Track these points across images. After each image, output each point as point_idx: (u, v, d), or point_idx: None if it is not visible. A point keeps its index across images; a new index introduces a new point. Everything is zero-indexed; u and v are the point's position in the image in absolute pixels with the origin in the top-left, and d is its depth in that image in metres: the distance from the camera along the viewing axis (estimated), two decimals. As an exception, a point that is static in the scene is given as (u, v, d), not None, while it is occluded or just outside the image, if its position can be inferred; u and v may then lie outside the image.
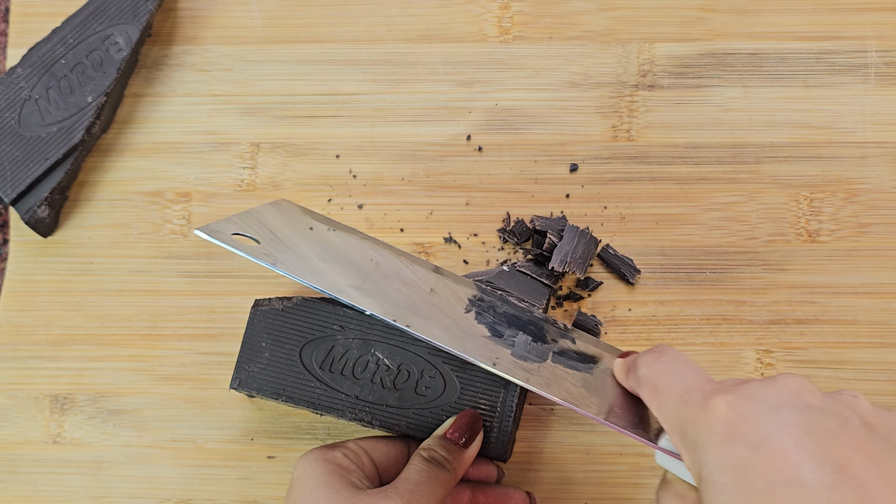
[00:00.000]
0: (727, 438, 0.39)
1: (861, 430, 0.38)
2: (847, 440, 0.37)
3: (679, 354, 0.45)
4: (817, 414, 0.38)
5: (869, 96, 0.62)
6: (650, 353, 0.46)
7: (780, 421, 0.38)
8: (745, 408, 0.39)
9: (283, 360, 0.55)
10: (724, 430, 0.39)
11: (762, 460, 0.37)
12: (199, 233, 0.50)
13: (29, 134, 0.60)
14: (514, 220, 0.59)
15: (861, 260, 0.60)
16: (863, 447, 0.37)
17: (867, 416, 0.39)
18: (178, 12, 0.65)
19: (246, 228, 0.53)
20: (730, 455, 0.38)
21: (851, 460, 0.36)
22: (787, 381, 0.40)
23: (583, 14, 0.64)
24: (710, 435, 0.39)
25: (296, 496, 0.49)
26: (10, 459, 0.59)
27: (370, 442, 0.53)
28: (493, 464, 0.55)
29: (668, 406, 0.43)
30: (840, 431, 0.38)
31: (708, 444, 0.39)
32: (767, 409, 0.39)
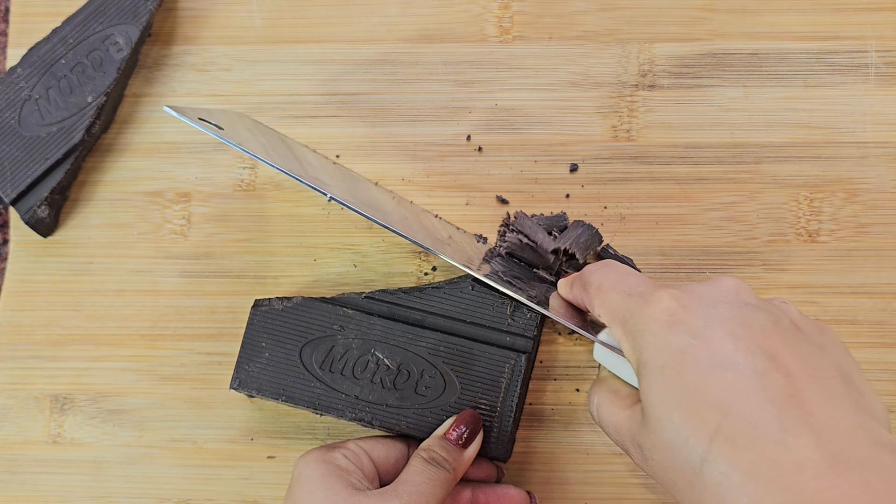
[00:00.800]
0: (668, 325, 0.42)
1: (790, 329, 0.42)
2: (778, 335, 0.41)
3: (623, 265, 0.49)
4: (752, 310, 0.42)
5: (869, 96, 0.62)
6: (595, 263, 0.50)
7: (718, 313, 0.42)
8: (687, 300, 0.43)
9: (283, 360, 0.55)
10: (666, 318, 0.42)
11: (700, 346, 0.40)
12: (168, 109, 0.50)
13: (29, 134, 0.60)
14: (514, 214, 0.59)
15: (861, 260, 0.60)
16: (791, 343, 0.41)
17: (795, 318, 0.43)
18: (178, 12, 0.65)
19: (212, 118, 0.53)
20: (670, 340, 0.41)
21: (781, 352, 0.40)
22: (725, 281, 0.44)
23: (583, 14, 0.64)
24: (651, 322, 0.43)
25: (295, 497, 0.49)
26: (10, 459, 0.59)
27: (370, 442, 0.53)
28: (493, 463, 0.55)
29: (612, 299, 0.46)
30: (772, 327, 0.41)
31: (649, 331, 0.43)
32: (707, 302, 0.42)
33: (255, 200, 0.62)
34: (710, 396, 0.39)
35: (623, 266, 0.49)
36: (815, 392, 0.38)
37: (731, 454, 0.38)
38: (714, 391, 0.39)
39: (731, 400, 0.38)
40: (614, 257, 0.60)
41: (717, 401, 0.39)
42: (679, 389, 0.40)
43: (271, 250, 0.61)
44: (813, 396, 0.38)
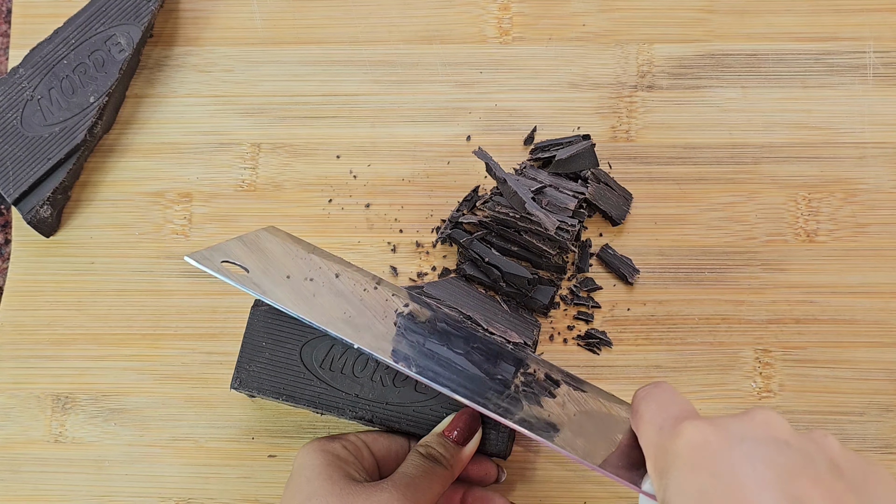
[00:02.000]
0: (691, 464, 0.38)
1: (825, 469, 0.38)
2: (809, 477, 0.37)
3: (668, 387, 0.45)
4: (783, 448, 0.38)
5: (867, 97, 0.62)
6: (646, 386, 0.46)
7: (744, 451, 0.38)
8: (712, 434, 0.39)
9: (284, 359, 0.55)
10: (689, 455, 0.39)
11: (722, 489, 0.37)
12: (190, 260, 0.49)
13: (31, 134, 0.60)
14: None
15: (859, 260, 0.60)
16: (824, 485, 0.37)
17: (835, 456, 0.39)
18: (179, 13, 0.65)
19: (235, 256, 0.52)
20: (692, 481, 0.38)
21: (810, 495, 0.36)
22: (758, 414, 0.40)
23: (582, 15, 0.64)
24: (675, 459, 0.39)
25: (294, 485, 0.49)
26: (12, 459, 0.59)
27: (371, 435, 0.54)
28: (492, 463, 0.56)
29: (648, 434, 0.42)
30: (803, 467, 0.37)
31: (673, 469, 0.39)
32: (733, 438, 0.39)
33: (256, 201, 0.62)
34: None
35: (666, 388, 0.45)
36: None
37: None
38: None
39: None
40: (613, 257, 0.60)
41: None
42: None
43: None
44: None
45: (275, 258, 0.55)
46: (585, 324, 0.59)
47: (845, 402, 0.58)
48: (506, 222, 0.57)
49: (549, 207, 0.57)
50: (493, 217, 0.57)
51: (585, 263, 0.60)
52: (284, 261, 0.55)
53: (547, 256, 0.58)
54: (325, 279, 0.55)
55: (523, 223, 0.57)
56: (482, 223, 0.59)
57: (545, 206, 0.57)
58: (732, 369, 0.59)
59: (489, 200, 0.58)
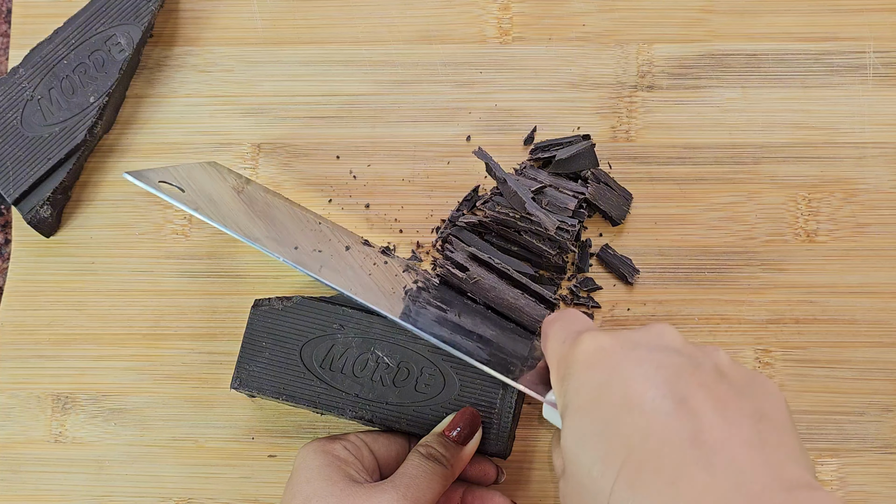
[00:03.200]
0: (586, 366, 0.42)
1: (710, 373, 0.41)
2: (694, 379, 0.40)
3: (573, 310, 0.49)
4: (671, 354, 0.41)
5: (867, 97, 0.62)
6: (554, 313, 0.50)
7: (636, 355, 0.41)
8: (608, 341, 0.43)
9: (284, 359, 0.55)
10: (585, 359, 0.42)
11: (613, 388, 0.40)
12: (128, 176, 0.50)
13: (31, 134, 0.60)
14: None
15: (859, 260, 0.60)
16: (707, 386, 0.40)
17: (722, 364, 0.42)
18: (179, 13, 0.65)
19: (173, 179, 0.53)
20: (587, 381, 0.42)
21: (693, 394, 0.39)
22: (654, 326, 0.44)
23: (582, 15, 0.64)
24: (573, 363, 0.43)
25: (294, 485, 0.50)
26: (12, 459, 0.59)
27: (371, 435, 0.54)
28: (492, 463, 0.56)
29: (552, 348, 0.46)
30: (689, 371, 0.40)
31: (570, 373, 0.42)
32: (627, 345, 0.42)
33: (256, 201, 0.62)
34: (617, 436, 0.39)
35: (574, 313, 0.48)
36: (721, 434, 0.38)
37: (633, 492, 0.37)
38: (622, 430, 0.39)
39: (635, 439, 0.38)
40: (613, 257, 0.60)
41: (623, 441, 0.39)
42: (589, 429, 0.40)
43: (272, 250, 0.61)
44: (718, 438, 0.37)
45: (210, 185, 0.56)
46: (585, 324, 0.59)
47: (845, 402, 0.58)
48: (505, 222, 0.57)
49: (549, 207, 0.57)
50: (492, 217, 0.57)
51: (585, 263, 0.60)
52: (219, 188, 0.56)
53: (547, 256, 0.58)
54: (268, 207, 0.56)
55: (523, 223, 0.57)
56: (482, 223, 0.59)
57: (545, 206, 0.57)
58: (732, 369, 0.59)
59: (489, 201, 0.58)
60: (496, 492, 0.55)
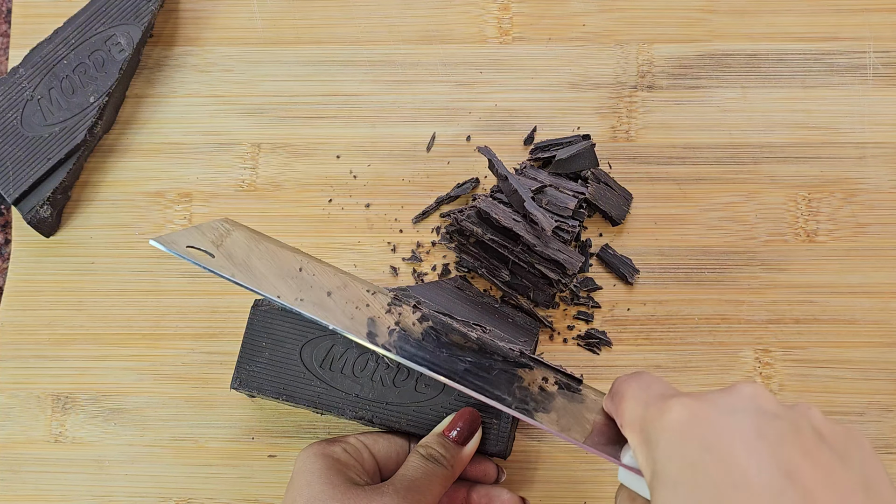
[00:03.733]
0: (680, 436, 0.39)
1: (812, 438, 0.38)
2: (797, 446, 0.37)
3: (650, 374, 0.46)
4: (770, 418, 0.39)
5: (867, 97, 0.62)
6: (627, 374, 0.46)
7: (732, 423, 0.38)
8: (700, 409, 0.39)
9: (284, 359, 0.55)
10: (678, 429, 0.39)
11: (712, 460, 0.37)
12: (155, 243, 0.48)
13: (31, 134, 0.60)
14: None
15: (859, 260, 0.60)
16: (812, 454, 0.37)
17: (819, 425, 0.39)
18: (179, 13, 0.65)
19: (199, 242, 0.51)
20: (682, 453, 0.38)
21: (800, 466, 0.37)
22: (744, 388, 0.41)
23: (582, 15, 0.64)
24: (664, 432, 0.40)
25: (294, 489, 0.49)
26: (13, 458, 0.59)
27: (371, 437, 0.54)
28: (492, 462, 0.56)
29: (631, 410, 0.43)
30: (791, 437, 0.38)
31: (662, 441, 0.39)
32: (721, 411, 0.39)
33: (256, 201, 0.62)
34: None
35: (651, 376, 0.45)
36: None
37: None
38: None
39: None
40: (613, 257, 0.60)
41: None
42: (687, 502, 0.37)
43: (272, 250, 0.61)
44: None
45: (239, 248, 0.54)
46: (585, 324, 0.59)
47: (845, 402, 0.58)
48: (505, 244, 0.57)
49: (549, 207, 0.57)
50: (487, 215, 0.57)
51: (585, 263, 0.60)
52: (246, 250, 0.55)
53: (542, 288, 0.58)
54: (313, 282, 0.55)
55: (524, 252, 0.57)
56: (479, 212, 0.58)
57: (545, 205, 0.57)
58: (732, 369, 0.59)
59: (477, 199, 0.58)
60: (503, 489, 0.55)
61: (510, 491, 0.55)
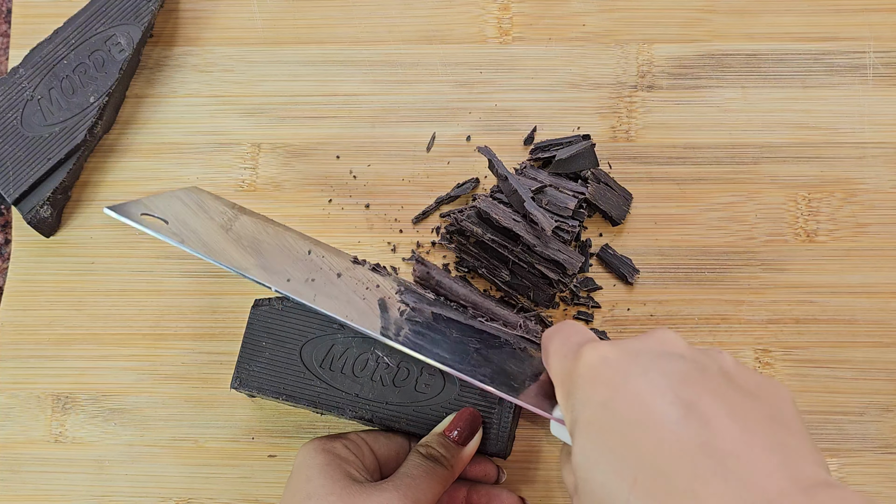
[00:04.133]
0: (591, 380, 0.41)
1: (717, 377, 0.40)
2: (701, 383, 0.39)
3: (572, 322, 0.47)
4: (676, 359, 0.41)
5: (867, 97, 0.62)
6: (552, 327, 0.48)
7: (639, 364, 0.40)
8: (610, 353, 0.42)
9: (284, 359, 0.55)
10: (589, 373, 0.41)
11: (619, 399, 0.39)
12: (108, 211, 0.49)
13: (31, 134, 0.60)
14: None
15: (859, 260, 0.60)
16: (715, 390, 0.39)
17: (728, 367, 0.41)
18: (179, 13, 0.65)
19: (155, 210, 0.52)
20: (593, 395, 0.41)
21: (702, 399, 0.38)
22: (656, 332, 0.43)
23: (582, 15, 0.64)
24: (577, 378, 0.42)
25: (294, 484, 0.50)
26: (12, 458, 0.59)
27: (371, 434, 0.54)
28: (492, 462, 0.56)
29: (554, 364, 0.45)
30: (696, 376, 0.40)
31: (576, 387, 0.42)
32: (629, 354, 0.41)
33: (256, 201, 0.62)
34: (629, 449, 0.38)
35: (573, 324, 0.47)
36: (734, 438, 0.37)
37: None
38: (633, 443, 0.38)
39: (646, 451, 0.37)
40: (613, 257, 0.60)
41: (635, 453, 0.38)
42: (600, 444, 0.39)
43: (272, 250, 0.61)
44: (731, 443, 0.37)
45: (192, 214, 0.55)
46: (585, 324, 0.59)
47: (845, 402, 0.58)
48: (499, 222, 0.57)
49: (549, 207, 0.57)
50: (486, 214, 0.57)
51: (585, 263, 0.60)
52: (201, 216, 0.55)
53: (542, 287, 0.58)
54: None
55: (523, 252, 0.57)
56: (479, 213, 0.58)
57: (545, 205, 0.57)
58: (732, 369, 0.59)
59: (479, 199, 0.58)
60: (503, 489, 0.55)
61: (510, 491, 0.55)
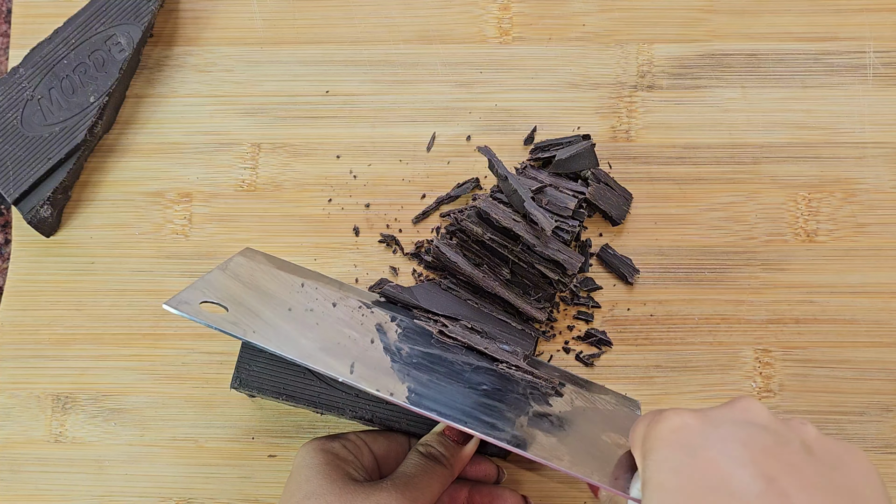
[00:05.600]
0: (668, 443, 0.40)
1: (798, 451, 0.39)
2: (782, 457, 0.38)
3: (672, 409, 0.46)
4: (758, 431, 0.40)
5: (867, 97, 0.62)
6: None
7: (719, 432, 0.40)
8: (691, 418, 0.41)
9: (283, 359, 0.55)
10: (668, 437, 0.40)
11: (696, 465, 0.38)
12: (168, 307, 0.46)
13: (31, 134, 0.60)
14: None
15: (859, 260, 0.60)
16: (796, 465, 0.38)
17: (810, 440, 0.40)
18: (179, 13, 0.65)
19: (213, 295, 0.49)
20: (669, 458, 0.40)
21: (782, 474, 0.37)
22: (739, 401, 0.42)
23: (582, 15, 0.64)
24: (656, 440, 0.41)
25: (292, 484, 0.50)
26: (13, 458, 0.59)
27: (371, 434, 0.54)
28: (492, 463, 0.56)
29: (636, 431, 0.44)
30: (777, 449, 0.39)
31: (654, 450, 0.41)
32: (711, 421, 0.40)
33: (256, 201, 0.62)
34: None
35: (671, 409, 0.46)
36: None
37: None
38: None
39: None
40: (613, 257, 0.60)
41: None
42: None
43: (272, 250, 0.61)
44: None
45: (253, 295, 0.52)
46: (585, 324, 0.59)
47: (845, 402, 0.58)
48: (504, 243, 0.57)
49: (549, 207, 0.57)
50: (487, 215, 0.57)
51: (585, 263, 0.60)
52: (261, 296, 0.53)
53: (542, 286, 0.58)
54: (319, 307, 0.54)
55: (523, 252, 0.57)
56: (479, 213, 0.58)
57: (545, 205, 0.57)
58: (732, 369, 0.59)
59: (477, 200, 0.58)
60: (505, 488, 0.55)
61: (513, 490, 0.55)
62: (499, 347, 0.55)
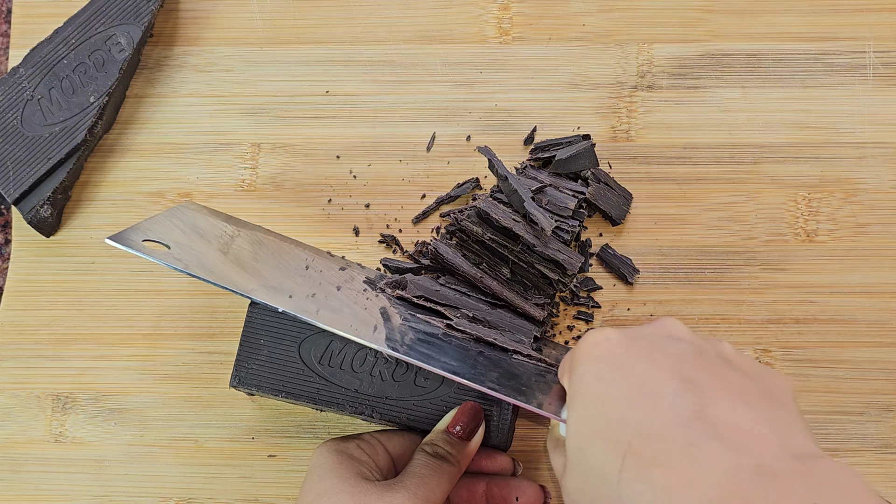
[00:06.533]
0: (591, 357, 0.43)
1: (716, 360, 0.42)
2: (698, 364, 0.41)
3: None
4: (677, 342, 0.42)
5: (867, 97, 0.62)
6: None
7: (639, 344, 0.42)
8: (613, 333, 0.43)
9: (282, 356, 0.55)
10: (590, 350, 0.43)
11: (617, 373, 0.41)
12: (110, 241, 0.49)
13: (31, 134, 0.60)
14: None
15: (859, 260, 0.60)
16: (714, 370, 0.41)
17: (727, 353, 0.42)
18: (179, 13, 0.65)
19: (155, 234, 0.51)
20: (591, 369, 0.42)
21: (698, 375, 0.40)
22: (660, 319, 0.45)
23: (582, 15, 0.64)
24: (579, 356, 0.43)
25: (307, 483, 0.50)
26: (12, 458, 0.59)
27: (386, 434, 0.54)
28: (507, 456, 0.56)
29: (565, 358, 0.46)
30: (695, 357, 0.41)
31: (577, 363, 0.43)
32: (632, 336, 0.43)
33: (256, 201, 0.62)
34: (624, 419, 0.39)
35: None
36: (729, 408, 0.38)
37: (643, 471, 0.38)
38: (627, 414, 0.39)
39: (641, 420, 0.39)
40: (613, 257, 0.60)
41: (630, 423, 0.39)
42: (594, 417, 0.40)
43: (272, 250, 0.61)
44: (725, 412, 0.38)
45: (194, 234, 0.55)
46: (585, 324, 0.59)
47: (845, 402, 0.58)
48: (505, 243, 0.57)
49: (549, 207, 0.57)
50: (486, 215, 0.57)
51: (585, 263, 0.60)
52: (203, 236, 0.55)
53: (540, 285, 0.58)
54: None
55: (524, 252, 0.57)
56: (479, 213, 0.58)
57: (545, 205, 0.57)
58: (732, 369, 0.59)
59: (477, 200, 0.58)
60: (523, 479, 0.55)
61: (531, 480, 0.55)
62: (507, 338, 0.55)
